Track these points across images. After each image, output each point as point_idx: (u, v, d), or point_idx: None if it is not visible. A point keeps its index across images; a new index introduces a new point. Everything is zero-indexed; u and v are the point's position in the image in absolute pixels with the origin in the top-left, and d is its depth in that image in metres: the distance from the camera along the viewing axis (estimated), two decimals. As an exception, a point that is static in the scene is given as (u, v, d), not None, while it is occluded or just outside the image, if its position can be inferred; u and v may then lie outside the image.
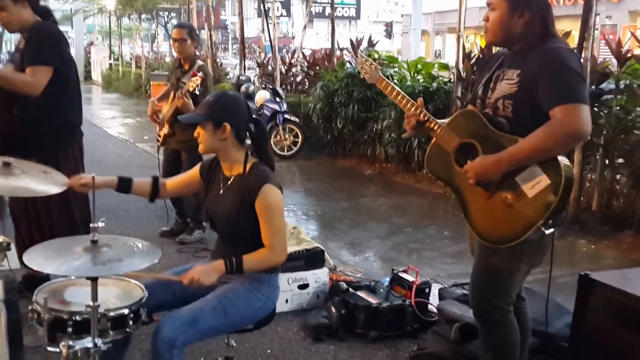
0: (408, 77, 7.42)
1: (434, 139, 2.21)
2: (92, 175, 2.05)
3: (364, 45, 9.16)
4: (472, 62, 6.23)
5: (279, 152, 7.96)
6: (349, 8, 37.21)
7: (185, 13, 17.07)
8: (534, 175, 1.94)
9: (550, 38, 2.03)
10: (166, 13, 26.72)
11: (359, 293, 3.19)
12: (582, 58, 4.65)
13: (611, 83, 5.08)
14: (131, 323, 1.81)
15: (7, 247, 2.11)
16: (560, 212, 2.01)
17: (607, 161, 5.13)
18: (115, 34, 23.48)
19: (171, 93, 4.39)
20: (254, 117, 2.21)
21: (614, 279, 2.17)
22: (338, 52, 9.85)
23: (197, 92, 4.09)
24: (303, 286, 3.33)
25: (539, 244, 2.09)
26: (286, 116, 8.03)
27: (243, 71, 10.78)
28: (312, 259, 3.41)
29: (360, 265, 4.17)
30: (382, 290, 3.28)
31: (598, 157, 5.14)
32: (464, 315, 2.78)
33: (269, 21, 10.18)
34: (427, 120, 2.18)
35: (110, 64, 21.44)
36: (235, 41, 33.77)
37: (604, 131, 5.02)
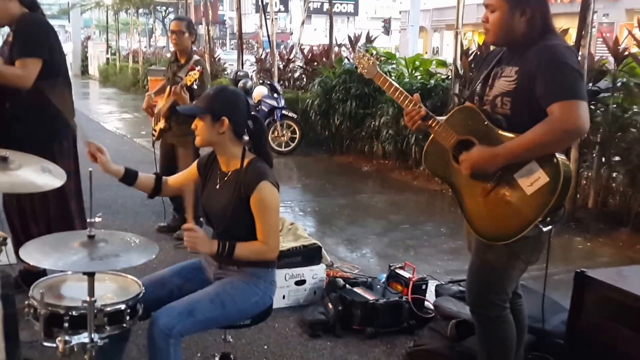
0: (406, 74, 7.42)
1: (432, 136, 2.21)
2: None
3: (362, 41, 9.15)
4: (470, 59, 6.23)
5: (277, 148, 7.96)
6: (347, 4, 37.17)
7: (183, 8, 17.03)
8: (533, 172, 1.94)
9: (549, 35, 2.03)
10: (164, 8, 26.60)
11: (356, 289, 3.20)
12: (580, 56, 4.66)
13: (608, 81, 5.09)
14: (128, 318, 1.81)
15: (4, 242, 2.11)
16: (558, 210, 2.02)
17: (604, 159, 5.14)
18: (112, 29, 23.36)
19: (167, 87, 4.39)
20: (253, 114, 2.21)
21: (610, 277, 2.19)
22: (336, 49, 9.84)
23: (195, 86, 4.09)
24: (300, 282, 3.33)
25: (536, 241, 2.09)
26: (284, 112, 8.02)
27: (241, 66, 10.76)
28: (309, 255, 3.42)
29: (357, 261, 4.17)
30: (379, 286, 3.29)
31: (594, 155, 5.15)
32: (461, 311, 2.78)
33: (267, 16, 10.15)
34: (425, 117, 2.18)
35: (107, 59, 21.35)
36: (233, 36, 33.68)
37: (601, 129, 5.03)
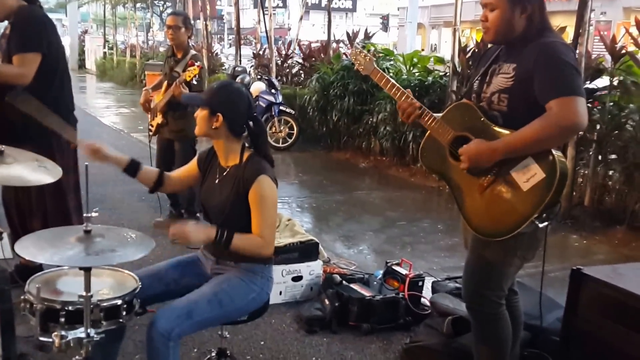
0: (404, 71, 7.42)
1: (428, 132, 2.21)
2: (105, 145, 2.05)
3: (360, 37, 9.13)
4: (468, 56, 6.23)
5: (274, 144, 7.95)
6: (346, 0, 37.05)
7: (180, 2, 16.95)
8: (529, 168, 1.95)
9: (546, 32, 2.04)
10: (161, 2, 26.51)
11: (353, 285, 3.20)
12: (577, 54, 4.66)
13: (605, 79, 5.10)
14: (124, 314, 1.81)
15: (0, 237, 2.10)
16: (554, 206, 2.02)
17: (600, 157, 5.15)
18: (109, 23, 23.28)
19: (164, 82, 4.37)
20: (254, 115, 2.21)
21: (606, 274, 2.19)
22: (334, 45, 9.82)
23: (195, 82, 4.09)
24: (297, 278, 3.34)
25: (532, 238, 2.10)
26: (282, 108, 8.01)
27: (239, 62, 10.73)
28: (306, 251, 3.42)
29: (354, 258, 4.18)
30: (376, 283, 3.29)
31: (591, 153, 5.16)
32: (457, 308, 2.79)
33: (265, 12, 10.12)
34: (422, 113, 2.18)
35: (104, 53, 21.26)
36: (231, 31, 33.56)
37: (598, 127, 5.04)
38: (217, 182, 2.19)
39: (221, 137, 2.15)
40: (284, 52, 10.65)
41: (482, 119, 2.06)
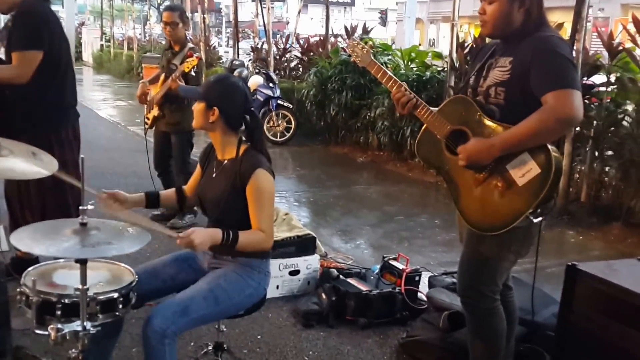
0: (402, 65, 7.41)
1: (425, 125, 2.21)
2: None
3: (359, 32, 9.13)
4: (466, 52, 6.23)
5: (272, 138, 7.94)
6: (344, -6, 36.95)
7: (178, -5, 16.85)
8: (525, 163, 1.95)
9: (543, 27, 2.05)
10: (159, -5, 26.38)
11: (350, 280, 3.21)
12: (574, 50, 4.66)
13: (602, 75, 5.10)
14: (121, 307, 1.80)
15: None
16: (548, 201, 2.03)
17: (597, 153, 5.16)
18: (107, 15, 23.14)
19: (161, 75, 4.35)
20: (251, 110, 2.20)
21: (601, 270, 2.20)
22: (332, 39, 9.79)
23: (193, 73, 4.08)
24: (294, 272, 3.34)
25: (527, 233, 2.11)
26: (279, 102, 7.99)
27: (236, 55, 10.69)
28: (304, 246, 3.42)
29: (351, 252, 4.18)
30: (373, 277, 3.30)
31: (588, 149, 5.17)
32: (453, 303, 2.80)
33: (263, 5, 10.08)
34: (416, 102, 2.19)
35: (101, 45, 21.17)
36: (229, 25, 33.42)
37: (594, 123, 5.05)
38: (214, 176, 2.19)
39: (217, 131, 2.15)
40: (282, 46, 10.62)
41: (479, 114, 2.06)
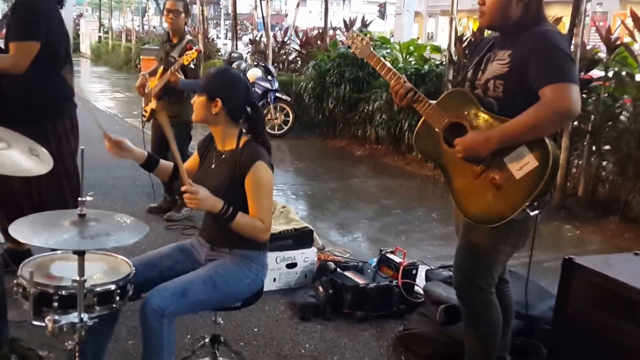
0: (400, 59, 7.39)
1: (423, 118, 2.21)
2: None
3: (357, 25, 9.10)
4: (464, 45, 6.21)
5: (270, 131, 7.91)
6: (343, -13, 36.76)
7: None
8: (522, 156, 1.96)
9: (542, 22, 2.05)
10: (157, -14, 26.21)
11: (347, 273, 3.22)
12: (573, 44, 4.65)
13: (600, 70, 5.10)
14: (118, 299, 1.80)
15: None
16: (545, 195, 2.03)
17: (594, 148, 5.17)
18: (105, 6, 23.02)
19: (160, 68, 4.34)
20: (252, 101, 2.19)
21: (597, 264, 2.20)
22: (331, 32, 9.76)
23: (192, 66, 4.06)
24: (291, 265, 3.34)
25: (523, 226, 2.12)
26: (277, 95, 7.98)
27: (235, 48, 10.65)
28: (301, 239, 3.42)
29: (348, 245, 4.19)
30: (370, 270, 3.31)
31: (585, 144, 5.18)
32: (450, 296, 2.80)
33: (262, -2, 10.03)
34: (415, 94, 2.18)
35: (99, 37, 21.07)
36: (227, 17, 33.27)
37: (592, 118, 5.05)
38: (213, 167, 2.19)
39: (219, 123, 2.14)
40: (281, 39, 10.59)
41: (477, 107, 2.06)
